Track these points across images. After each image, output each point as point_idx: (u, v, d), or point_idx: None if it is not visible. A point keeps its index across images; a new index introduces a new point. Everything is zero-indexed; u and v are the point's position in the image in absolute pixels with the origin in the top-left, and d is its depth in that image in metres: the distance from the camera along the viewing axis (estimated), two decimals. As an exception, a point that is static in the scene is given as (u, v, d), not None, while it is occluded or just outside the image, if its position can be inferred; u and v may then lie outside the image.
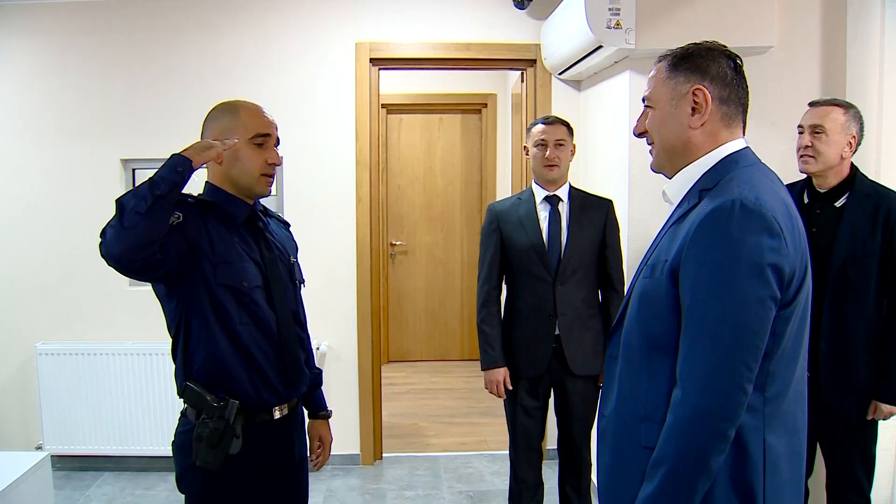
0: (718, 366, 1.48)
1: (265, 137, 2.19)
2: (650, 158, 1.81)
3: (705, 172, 1.67)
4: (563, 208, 3.27)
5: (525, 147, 3.37)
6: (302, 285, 2.45)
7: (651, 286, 1.64)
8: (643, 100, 1.79)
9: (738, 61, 1.71)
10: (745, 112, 1.72)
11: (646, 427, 1.62)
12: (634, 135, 1.83)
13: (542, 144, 3.23)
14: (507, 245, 3.27)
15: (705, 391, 1.48)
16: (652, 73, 1.77)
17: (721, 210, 1.51)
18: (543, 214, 3.26)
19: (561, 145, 3.23)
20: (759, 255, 1.48)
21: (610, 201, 3.34)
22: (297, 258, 2.45)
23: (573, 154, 3.31)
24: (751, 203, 1.50)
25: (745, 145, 1.70)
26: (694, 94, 1.66)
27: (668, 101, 1.71)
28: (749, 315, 1.48)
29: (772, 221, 1.50)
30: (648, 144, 1.79)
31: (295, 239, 2.53)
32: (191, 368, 2.14)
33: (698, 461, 1.49)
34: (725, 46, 1.72)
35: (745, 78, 1.71)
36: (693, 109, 1.67)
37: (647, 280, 1.66)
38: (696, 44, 1.72)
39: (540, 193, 3.29)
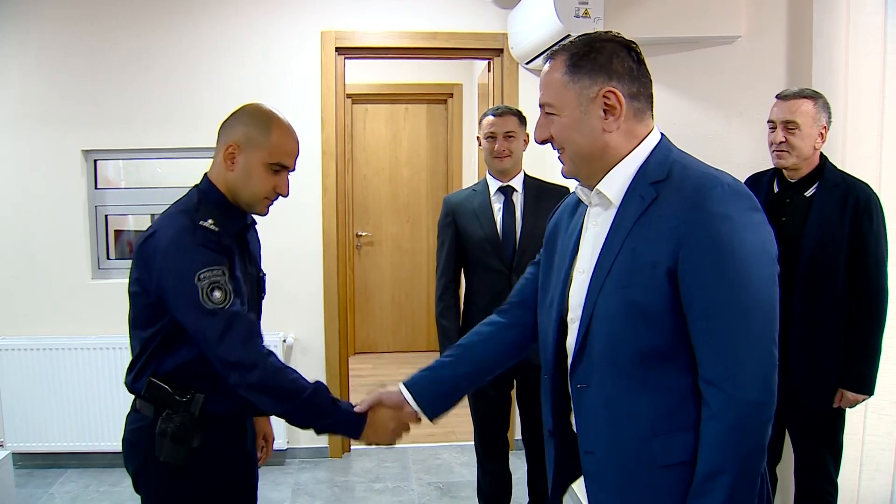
0: (758, 355, 1.44)
1: (284, 167, 2.11)
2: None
3: (642, 165, 1.58)
4: (518, 199, 3.26)
5: (478, 138, 3.36)
6: (263, 297, 2.37)
7: (638, 295, 1.51)
8: (541, 106, 1.65)
9: (637, 49, 1.60)
10: (651, 100, 1.62)
11: (659, 443, 1.53)
12: (537, 142, 1.69)
13: (491, 137, 3.22)
14: (462, 237, 3.26)
15: (754, 384, 1.43)
16: (546, 76, 1.63)
17: (712, 197, 1.45)
18: (497, 206, 3.26)
19: (511, 137, 3.22)
20: (759, 233, 1.46)
21: (566, 188, 3.31)
22: (262, 270, 2.37)
23: (526, 143, 3.30)
24: (733, 183, 1.48)
25: (661, 133, 1.63)
26: (605, 96, 1.55)
27: (575, 107, 1.57)
28: (768, 295, 1.45)
29: (753, 198, 1.49)
30: (555, 150, 1.66)
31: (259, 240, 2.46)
32: (157, 368, 2.07)
33: (758, 457, 1.45)
34: (619, 34, 1.62)
35: (646, 66, 1.60)
36: (605, 112, 1.56)
37: (627, 291, 1.52)
38: (589, 36, 1.61)
39: (494, 184, 3.28)
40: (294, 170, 2.17)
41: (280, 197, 2.15)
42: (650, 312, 1.50)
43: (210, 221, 1.99)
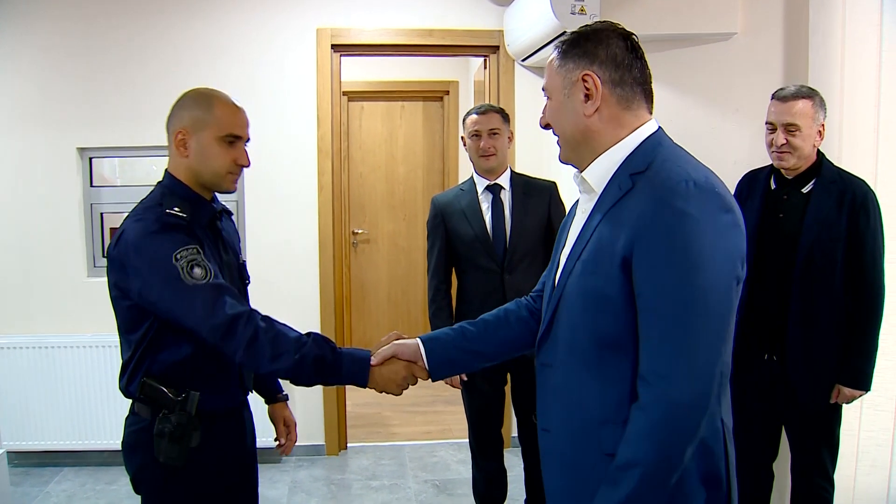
0: (695, 358, 1.41)
1: (237, 138, 2.12)
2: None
3: (629, 155, 1.59)
4: (506, 196, 3.27)
5: (462, 137, 3.36)
6: (248, 283, 2.39)
7: (599, 282, 1.53)
8: (543, 90, 1.72)
9: (633, 39, 1.62)
10: (645, 91, 1.63)
11: (607, 431, 1.53)
12: (541, 127, 1.75)
13: (476, 135, 3.23)
14: (452, 237, 3.27)
15: (683, 385, 1.41)
16: (547, 62, 1.69)
17: (676, 192, 1.44)
18: (486, 205, 3.26)
19: (495, 134, 3.22)
20: (722, 235, 1.43)
21: (553, 183, 3.33)
22: (242, 256, 2.38)
23: (511, 140, 3.32)
24: (703, 182, 1.45)
25: (657, 126, 1.64)
26: (583, 80, 1.59)
27: (560, 91, 1.63)
28: (719, 300, 1.42)
29: (725, 198, 1.46)
30: (555, 135, 1.71)
31: (237, 230, 2.46)
32: (150, 368, 2.07)
33: (676, 457, 1.43)
34: (618, 25, 1.64)
35: (641, 56, 1.62)
36: (586, 96, 1.59)
37: (590, 277, 1.55)
38: (587, 26, 1.64)
39: (481, 183, 3.28)
40: (249, 140, 2.18)
41: (244, 169, 2.18)
42: (608, 300, 1.52)
43: (176, 209, 2.02)
